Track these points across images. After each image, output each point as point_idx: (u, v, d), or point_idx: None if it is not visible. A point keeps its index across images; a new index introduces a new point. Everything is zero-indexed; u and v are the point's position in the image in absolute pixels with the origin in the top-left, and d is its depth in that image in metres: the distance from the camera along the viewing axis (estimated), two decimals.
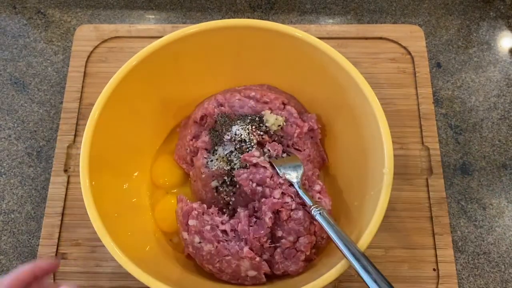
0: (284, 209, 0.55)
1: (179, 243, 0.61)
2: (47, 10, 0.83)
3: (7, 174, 0.71)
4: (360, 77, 0.56)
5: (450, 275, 0.62)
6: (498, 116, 0.74)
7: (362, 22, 0.81)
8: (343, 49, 0.74)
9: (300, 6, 0.83)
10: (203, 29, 0.59)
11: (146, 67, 0.59)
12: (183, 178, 0.67)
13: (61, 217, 0.65)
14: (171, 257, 0.61)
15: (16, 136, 0.73)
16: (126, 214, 0.61)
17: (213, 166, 0.60)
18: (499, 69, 0.77)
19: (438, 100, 0.75)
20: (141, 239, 0.60)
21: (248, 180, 0.57)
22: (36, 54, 0.79)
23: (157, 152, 0.69)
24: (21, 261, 0.66)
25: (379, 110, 0.54)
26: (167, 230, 0.64)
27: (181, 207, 0.58)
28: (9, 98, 0.76)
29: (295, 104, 0.66)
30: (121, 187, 0.62)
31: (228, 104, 0.63)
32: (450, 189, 0.69)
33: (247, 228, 0.55)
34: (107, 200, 0.55)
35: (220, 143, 0.61)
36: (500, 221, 0.68)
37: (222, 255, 0.55)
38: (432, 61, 0.78)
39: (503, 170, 0.70)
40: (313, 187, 0.59)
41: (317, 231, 0.56)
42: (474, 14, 0.82)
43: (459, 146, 0.72)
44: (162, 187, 0.67)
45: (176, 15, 0.82)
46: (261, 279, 0.55)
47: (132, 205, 0.63)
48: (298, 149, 0.62)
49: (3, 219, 0.68)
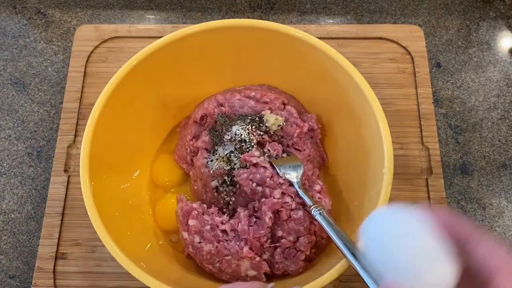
0: (284, 209, 0.55)
1: (179, 243, 0.61)
2: (47, 10, 0.83)
3: (7, 174, 0.71)
4: (360, 77, 0.56)
5: None
6: (498, 116, 0.74)
7: (362, 22, 0.81)
8: (343, 49, 0.74)
9: (300, 6, 0.83)
10: (203, 29, 0.59)
11: (146, 67, 0.59)
12: (183, 177, 0.67)
13: (61, 217, 0.65)
14: (171, 257, 0.61)
15: (16, 136, 0.73)
16: (126, 214, 0.61)
17: (213, 166, 0.60)
18: (499, 69, 0.77)
19: (438, 100, 0.75)
20: (141, 239, 0.60)
21: (248, 180, 0.57)
22: (36, 54, 0.79)
23: (157, 152, 0.69)
24: (21, 261, 0.66)
25: (379, 110, 0.54)
26: (166, 229, 0.64)
27: (181, 207, 0.58)
28: (9, 98, 0.76)
29: (295, 104, 0.66)
30: (121, 187, 0.62)
31: (228, 104, 0.63)
32: (450, 189, 0.69)
33: (247, 228, 0.55)
34: (107, 200, 0.55)
35: (220, 143, 0.61)
36: (500, 221, 0.68)
37: (222, 255, 0.55)
38: (432, 61, 0.78)
39: (503, 170, 0.70)
40: (313, 187, 0.59)
41: (317, 231, 0.56)
42: (474, 14, 0.82)
43: (459, 146, 0.72)
44: (162, 186, 0.67)
45: (176, 15, 0.82)
46: (261, 279, 0.55)
47: (132, 205, 0.63)
48: (298, 149, 0.62)
49: (3, 219, 0.68)
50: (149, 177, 0.67)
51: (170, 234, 0.64)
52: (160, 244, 0.62)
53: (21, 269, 0.65)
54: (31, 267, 0.65)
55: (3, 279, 0.65)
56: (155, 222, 0.64)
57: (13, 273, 0.65)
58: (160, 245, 0.62)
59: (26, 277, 0.65)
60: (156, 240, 0.62)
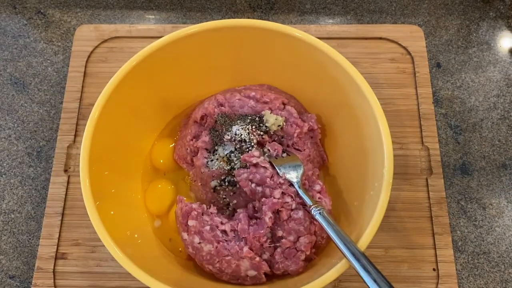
0: (284, 209, 0.55)
1: (162, 228, 0.62)
2: (47, 10, 0.83)
3: (7, 174, 0.71)
4: (360, 77, 0.56)
5: (450, 275, 0.62)
6: (498, 116, 0.74)
7: (362, 22, 0.81)
8: (343, 49, 0.74)
9: (300, 6, 0.83)
10: (203, 29, 0.59)
11: (146, 67, 0.59)
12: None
13: (61, 217, 0.65)
14: (171, 257, 0.61)
15: (16, 136, 0.73)
16: (127, 214, 0.61)
17: (213, 166, 0.60)
18: (499, 69, 0.77)
19: (438, 100, 0.75)
20: (141, 239, 0.60)
21: (247, 180, 0.57)
22: (36, 54, 0.79)
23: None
24: (21, 261, 0.66)
25: (379, 110, 0.54)
26: (152, 212, 0.64)
27: (180, 207, 0.58)
28: (9, 98, 0.76)
29: (295, 104, 0.66)
30: (121, 186, 0.62)
31: (228, 104, 0.63)
32: (450, 189, 0.69)
33: (247, 227, 0.55)
34: (107, 200, 0.55)
35: (220, 143, 0.61)
36: (500, 221, 0.68)
37: (222, 255, 0.55)
38: (432, 61, 0.78)
39: (503, 170, 0.71)
40: (313, 187, 0.59)
41: (317, 230, 0.56)
42: (474, 14, 0.82)
43: (459, 146, 0.72)
44: (160, 169, 0.67)
45: (176, 15, 0.82)
46: (261, 279, 0.55)
47: (132, 205, 0.63)
48: (298, 149, 0.62)
49: (3, 219, 0.68)
50: (149, 177, 0.67)
51: (171, 233, 0.64)
52: (160, 244, 0.62)
53: (21, 269, 0.65)
54: (31, 267, 0.65)
55: (3, 279, 0.65)
56: (145, 206, 0.65)
57: (13, 273, 0.65)
58: (160, 245, 0.62)
59: (26, 277, 0.65)
60: (157, 240, 0.62)
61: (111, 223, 0.52)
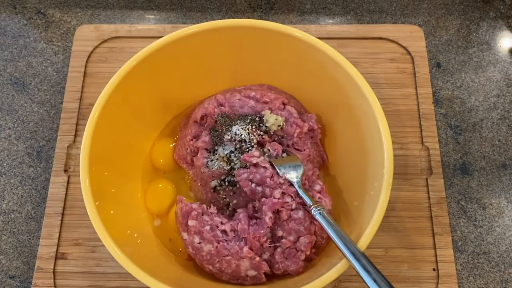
0: (284, 209, 0.55)
1: (161, 228, 0.62)
2: (47, 10, 0.83)
3: (7, 174, 0.71)
4: (360, 77, 0.56)
5: (450, 275, 0.62)
6: (498, 116, 0.74)
7: (362, 22, 0.81)
8: (343, 49, 0.74)
9: (300, 6, 0.83)
10: (203, 29, 0.59)
11: (146, 67, 0.59)
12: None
13: (61, 217, 0.65)
14: (171, 257, 0.61)
15: (16, 136, 0.73)
16: (126, 213, 0.61)
17: (213, 166, 0.60)
18: (499, 69, 0.77)
19: (438, 100, 0.75)
20: (141, 239, 0.60)
21: (247, 180, 0.57)
22: (36, 54, 0.79)
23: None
24: (21, 261, 0.66)
25: (379, 110, 0.54)
26: (152, 211, 0.65)
27: (180, 207, 0.58)
28: (9, 98, 0.76)
29: (295, 104, 0.66)
30: (121, 186, 0.62)
31: (228, 104, 0.63)
32: (450, 189, 0.69)
33: (247, 227, 0.55)
34: (107, 200, 0.55)
35: (220, 143, 0.61)
36: (500, 221, 0.68)
37: (222, 255, 0.55)
38: (432, 61, 0.78)
39: (503, 170, 0.71)
40: (313, 187, 0.59)
41: (317, 230, 0.56)
42: (474, 14, 0.82)
43: (459, 146, 0.72)
44: (159, 168, 0.67)
45: (176, 15, 0.82)
46: (261, 279, 0.55)
47: (132, 204, 0.63)
48: (298, 149, 0.62)
49: (3, 219, 0.68)
50: (149, 177, 0.67)
51: (171, 233, 0.64)
52: (160, 244, 0.62)
53: (21, 269, 0.65)
54: (31, 267, 0.65)
55: (3, 279, 0.65)
56: (145, 205, 0.65)
57: (13, 273, 0.65)
58: (160, 245, 0.62)
59: (26, 277, 0.65)
60: (156, 240, 0.62)
61: (111, 223, 0.52)
